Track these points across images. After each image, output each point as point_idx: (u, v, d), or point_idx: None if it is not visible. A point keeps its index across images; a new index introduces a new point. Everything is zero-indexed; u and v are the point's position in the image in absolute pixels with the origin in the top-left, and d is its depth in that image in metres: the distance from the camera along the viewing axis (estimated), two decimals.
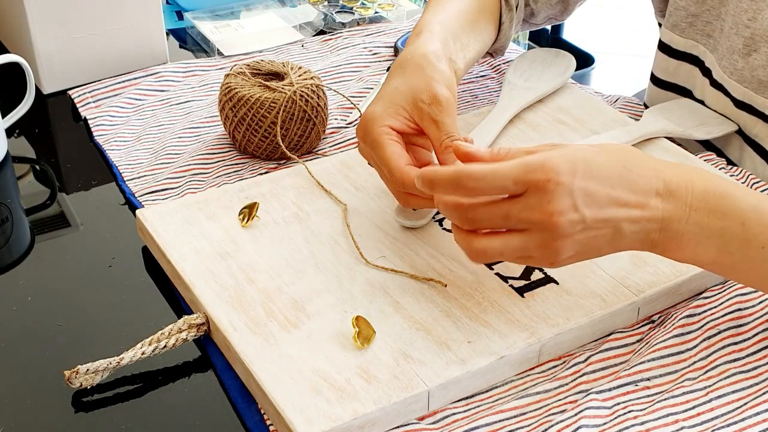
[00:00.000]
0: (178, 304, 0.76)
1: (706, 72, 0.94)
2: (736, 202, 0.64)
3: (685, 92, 0.98)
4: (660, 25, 1.02)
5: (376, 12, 1.22)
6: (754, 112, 0.89)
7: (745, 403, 0.65)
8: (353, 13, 1.22)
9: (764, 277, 0.66)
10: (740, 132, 0.92)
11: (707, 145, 0.94)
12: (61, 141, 1.01)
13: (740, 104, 0.90)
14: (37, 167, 0.97)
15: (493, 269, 0.74)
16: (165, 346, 0.68)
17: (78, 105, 1.03)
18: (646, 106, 1.03)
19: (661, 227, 0.64)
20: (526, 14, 1.03)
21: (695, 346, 0.69)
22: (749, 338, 0.70)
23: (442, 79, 0.78)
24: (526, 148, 0.65)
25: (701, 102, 0.96)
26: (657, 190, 0.64)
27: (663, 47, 0.99)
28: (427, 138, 0.76)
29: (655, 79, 1.01)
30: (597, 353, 0.69)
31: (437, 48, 0.81)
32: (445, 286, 0.72)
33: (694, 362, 0.68)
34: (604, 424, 0.63)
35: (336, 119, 0.98)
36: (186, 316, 0.71)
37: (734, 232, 0.64)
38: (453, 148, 0.67)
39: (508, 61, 1.08)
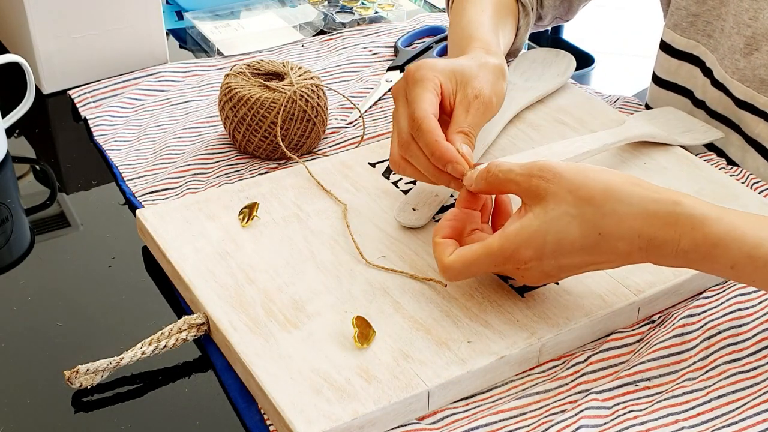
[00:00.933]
0: (178, 304, 0.76)
1: (707, 72, 0.94)
2: (728, 251, 0.63)
3: (686, 92, 0.98)
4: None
5: (376, 12, 1.22)
6: (755, 111, 0.89)
7: (745, 403, 0.65)
8: (353, 13, 1.22)
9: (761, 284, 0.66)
10: (741, 132, 0.92)
11: (708, 146, 0.94)
12: (61, 141, 1.01)
13: (742, 104, 0.90)
14: (37, 167, 0.97)
15: None
16: (165, 346, 0.68)
17: (78, 105, 1.03)
18: (648, 107, 1.03)
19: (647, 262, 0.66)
20: (534, 18, 1.04)
21: (695, 346, 0.69)
22: (749, 338, 0.70)
23: (500, 95, 0.81)
24: (513, 177, 0.67)
25: (702, 102, 0.96)
26: (640, 248, 0.64)
27: (664, 47, 0.99)
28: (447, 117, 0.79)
29: (656, 79, 1.01)
30: (597, 353, 0.69)
31: (505, 69, 0.84)
32: (445, 286, 0.72)
33: (694, 362, 0.68)
34: (604, 424, 0.63)
35: (336, 119, 0.98)
36: (186, 316, 0.71)
37: (723, 272, 0.64)
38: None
39: (509, 61, 1.08)
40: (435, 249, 0.69)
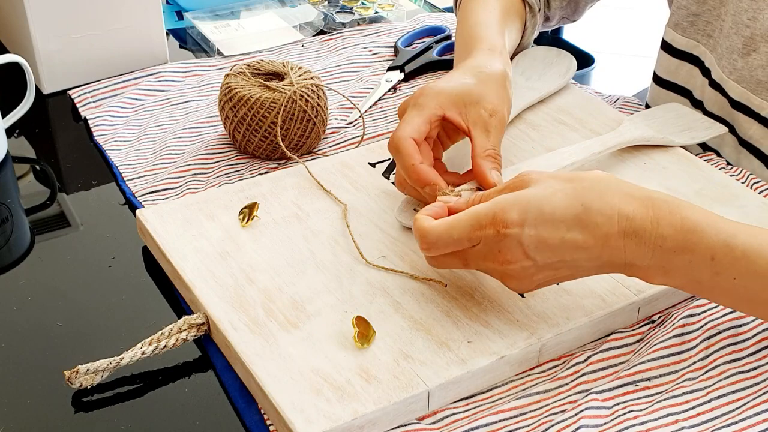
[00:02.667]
0: (178, 304, 0.76)
1: (706, 72, 0.94)
2: (705, 238, 0.63)
3: (686, 93, 0.98)
4: None
5: (376, 12, 1.22)
6: (749, 113, 0.89)
7: (745, 404, 0.65)
8: (353, 13, 1.22)
9: (741, 302, 0.65)
10: (735, 134, 0.91)
11: (705, 146, 0.94)
12: (61, 141, 1.01)
13: (736, 105, 0.90)
14: (37, 167, 0.97)
15: None
16: (165, 346, 0.68)
17: (78, 105, 1.03)
18: (648, 106, 1.03)
19: (624, 263, 0.65)
20: (542, 19, 1.05)
21: (695, 346, 0.69)
22: (749, 338, 0.70)
23: (509, 104, 0.82)
24: (496, 189, 0.68)
25: (700, 102, 0.96)
26: (619, 230, 0.63)
27: (665, 46, 0.99)
28: (455, 138, 0.82)
29: (657, 79, 1.01)
30: (597, 353, 0.69)
31: (508, 72, 0.84)
32: (445, 286, 0.72)
33: (694, 362, 0.68)
34: (604, 424, 0.63)
35: (336, 119, 0.98)
36: (186, 316, 0.71)
37: (702, 265, 0.63)
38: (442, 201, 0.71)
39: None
40: (415, 222, 0.68)
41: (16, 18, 1.04)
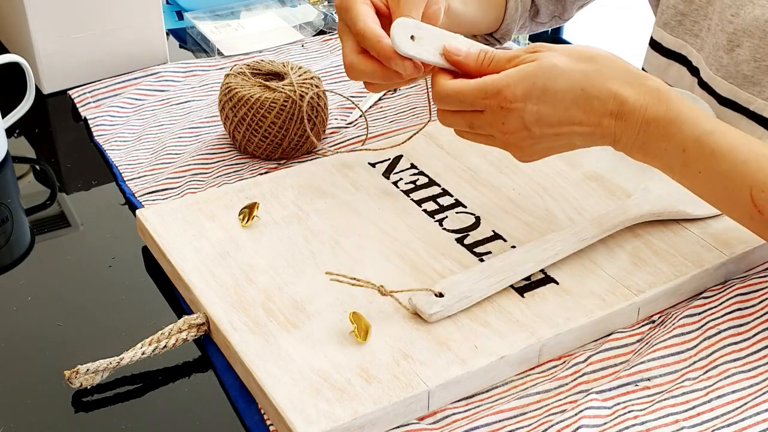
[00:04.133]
0: (178, 304, 0.76)
1: (694, 72, 0.94)
2: (682, 130, 0.69)
3: None
4: None
5: None
6: (737, 108, 0.89)
7: (745, 403, 0.65)
8: None
9: (704, 193, 0.71)
10: None
11: None
12: (61, 141, 1.01)
13: (724, 101, 0.90)
14: (37, 167, 0.97)
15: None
16: (165, 346, 0.68)
17: (78, 105, 1.03)
18: None
19: (612, 141, 0.71)
20: (532, 13, 1.05)
21: (695, 346, 0.69)
22: (749, 338, 0.70)
23: None
24: (507, 56, 0.72)
25: None
26: (611, 111, 0.69)
27: (654, 45, 0.99)
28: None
29: None
30: (597, 353, 0.69)
31: None
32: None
33: (695, 362, 0.68)
34: (604, 424, 0.63)
35: (336, 119, 0.98)
36: (186, 316, 0.71)
37: (675, 155, 0.70)
38: (447, 49, 0.73)
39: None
40: (433, 78, 0.72)
41: (16, 18, 1.04)
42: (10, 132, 0.98)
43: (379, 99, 1.02)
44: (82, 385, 0.66)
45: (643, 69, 1.02)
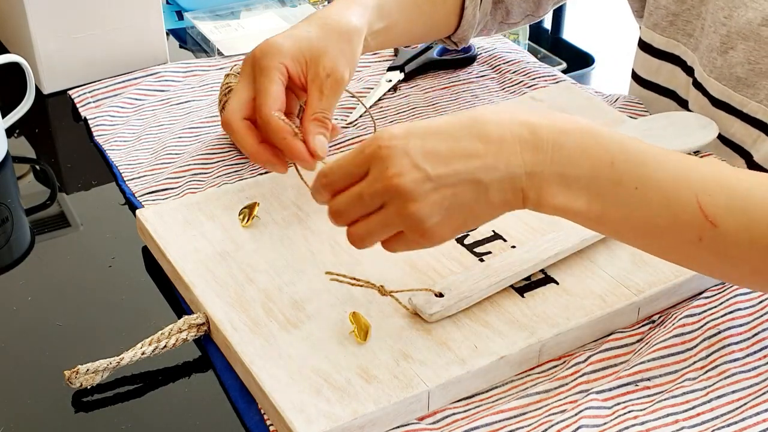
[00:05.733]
0: (178, 304, 0.76)
1: (689, 71, 0.94)
2: (603, 141, 0.59)
3: (670, 93, 0.98)
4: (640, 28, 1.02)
5: None
6: (731, 110, 0.88)
7: (745, 403, 0.65)
8: None
9: (649, 218, 0.60)
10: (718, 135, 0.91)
11: None
12: (61, 141, 1.01)
13: (718, 103, 0.89)
14: (37, 167, 0.97)
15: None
16: (165, 346, 0.68)
17: (78, 105, 1.03)
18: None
19: (525, 172, 0.59)
20: (502, 14, 1.02)
21: (695, 346, 0.69)
22: (749, 338, 0.70)
23: (352, 60, 0.79)
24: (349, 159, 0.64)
25: (685, 102, 0.96)
26: (512, 134, 0.59)
27: (644, 46, 0.99)
28: (303, 93, 0.78)
29: (636, 77, 1.01)
30: (597, 353, 0.69)
31: (362, 26, 0.81)
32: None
33: (694, 362, 0.68)
34: (604, 424, 0.63)
35: (336, 119, 0.98)
36: (186, 316, 0.71)
37: (602, 172, 0.59)
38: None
39: (509, 61, 1.08)
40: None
41: (16, 18, 1.04)
42: (10, 132, 0.98)
43: (380, 99, 1.02)
44: (82, 385, 0.66)
45: (633, 71, 1.02)
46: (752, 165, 0.89)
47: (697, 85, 0.92)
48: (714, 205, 0.58)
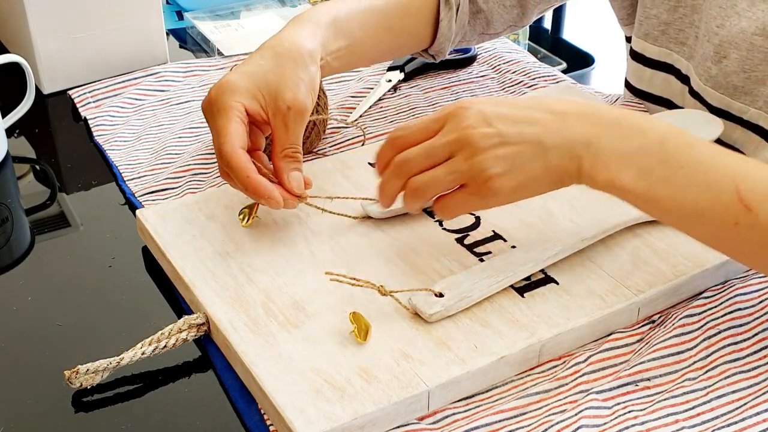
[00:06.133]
0: (178, 304, 0.76)
1: (684, 79, 0.93)
2: (657, 124, 0.66)
3: (665, 102, 0.97)
4: (627, 39, 1.00)
5: None
6: (731, 117, 0.88)
7: (745, 403, 0.65)
8: None
9: (688, 197, 0.64)
10: (718, 140, 0.91)
11: None
12: (61, 141, 1.01)
13: (717, 111, 0.89)
14: (37, 167, 0.97)
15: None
16: (165, 346, 0.68)
17: (78, 105, 1.03)
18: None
19: (583, 141, 0.65)
20: (481, 25, 0.99)
21: (695, 346, 0.69)
22: (749, 338, 0.70)
23: (312, 85, 0.78)
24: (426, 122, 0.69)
25: (678, 108, 0.95)
26: (576, 108, 0.66)
27: (636, 56, 0.97)
28: (267, 126, 0.78)
29: (630, 87, 1.00)
30: (597, 353, 0.69)
31: (314, 48, 0.80)
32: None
33: (695, 362, 0.68)
34: (604, 424, 0.63)
35: (336, 119, 0.98)
36: (186, 316, 0.71)
37: (652, 150, 0.64)
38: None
39: (509, 61, 1.08)
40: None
41: (16, 18, 1.04)
42: (10, 132, 0.98)
43: (379, 99, 1.02)
44: (82, 385, 0.66)
45: (626, 80, 1.01)
46: None
47: (694, 94, 0.91)
48: (751, 191, 0.62)
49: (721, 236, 0.65)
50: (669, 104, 0.97)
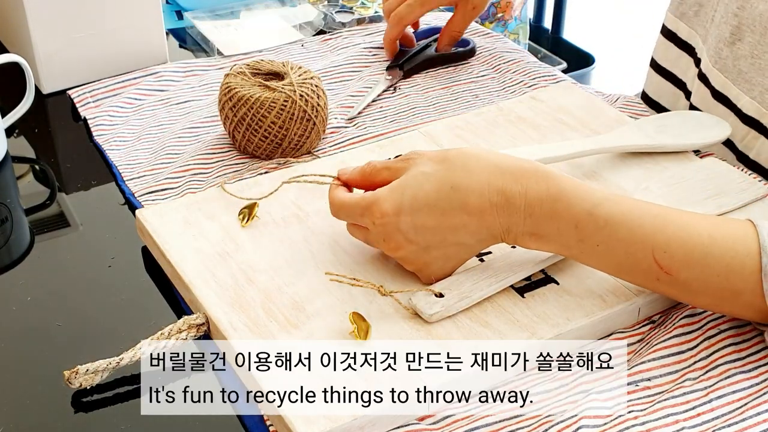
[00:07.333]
0: (178, 304, 0.76)
1: (697, 63, 0.94)
2: (570, 206, 0.67)
3: (680, 84, 0.98)
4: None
5: (376, 12, 1.22)
6: (728, 104, 0.88)
7: (746, 404, 0.65)
8: (353, 13, 1.22)
9: (611, 264, 0.69)
10: None
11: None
12: (61, 141, 1.01)
13: (717, 95, 0.89)
14: (37, 167, 0.97)
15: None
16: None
17: (78, 105, 1.03)
18: (644, 93, 1.03)
19: (502, 233, 0.69)
20: None
21: (696, 346, 0.69)
22: (750, 338, 0.70)
23: None
24: (385, 164, 0.73)
25: (690, 94, 0.96)
26: (491, 205, 0.68)
27: (667, 33, 0.98)
28: None
29: (655, 65, 1.01)
30: None
31: None
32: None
33: (695, 362, 0.68)
34: (605, 424, 0.63)
35: (336, 119, 0.98)
36: (186, 316, 0.71)
37: (568, 233, 0.67)
38: (338, 173, 0.76)
39: (509, 61, 1.08)
40: (330, 190, 0.75)
41: (16, 18, 1.04)
42: (9, 132, 0.98)
43: (379, 99, 1.02)
44: (82, 385, 0.66)
45: (652, 58, 1.02)
46: (749, 164, 0.89)
47: (701, 77, 0.92)
48: (670, 258, 0.66)
49: (648, 286, 0.70)
50: (683, 86, 0.97)
